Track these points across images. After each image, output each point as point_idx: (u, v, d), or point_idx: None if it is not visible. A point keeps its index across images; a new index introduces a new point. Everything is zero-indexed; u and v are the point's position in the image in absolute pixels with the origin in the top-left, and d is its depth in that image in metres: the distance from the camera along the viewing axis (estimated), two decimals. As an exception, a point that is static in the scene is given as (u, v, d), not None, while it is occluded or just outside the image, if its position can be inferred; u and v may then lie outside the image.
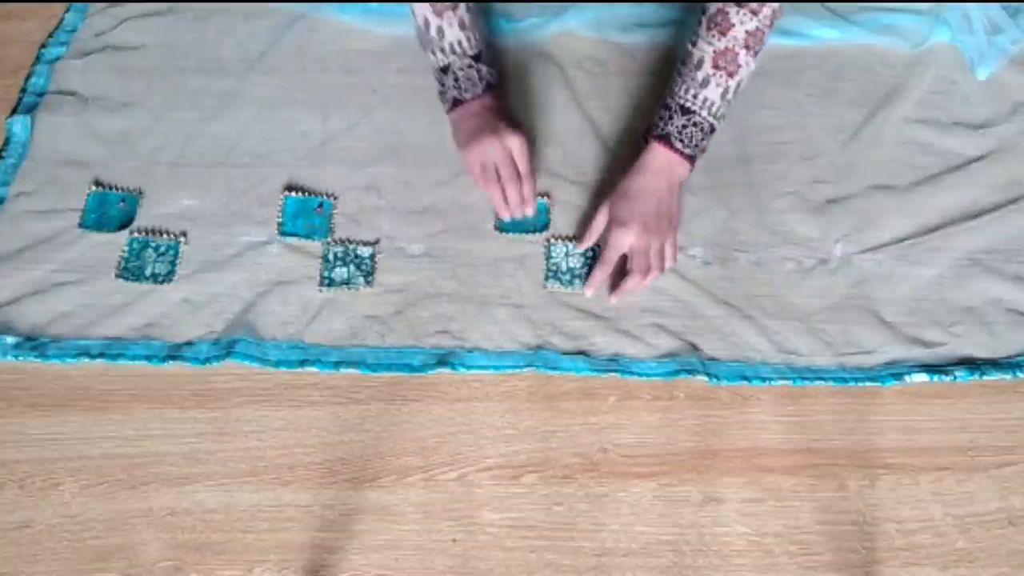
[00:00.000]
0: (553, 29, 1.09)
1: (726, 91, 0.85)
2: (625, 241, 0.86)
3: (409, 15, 0.91)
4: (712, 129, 0.87)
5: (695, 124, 0.86)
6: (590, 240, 0.90)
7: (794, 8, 1.11)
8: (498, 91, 0.94)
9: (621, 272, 0.88)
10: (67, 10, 1.11)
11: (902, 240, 0.93)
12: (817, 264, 0.91)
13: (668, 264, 0.88)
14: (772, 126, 1.02)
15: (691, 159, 0.88)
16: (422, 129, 1.00)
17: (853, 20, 1.10)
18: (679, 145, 0.86)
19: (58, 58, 1.06)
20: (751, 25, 0.81)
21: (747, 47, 0.83)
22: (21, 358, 0.83)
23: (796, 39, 1.09)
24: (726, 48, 0.83)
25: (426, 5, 0.88)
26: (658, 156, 0.87)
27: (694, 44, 0.85)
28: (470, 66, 0.90)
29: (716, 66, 0.83)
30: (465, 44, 0.89)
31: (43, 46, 1.07)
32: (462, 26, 0.89)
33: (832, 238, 0.93)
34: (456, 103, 0.92)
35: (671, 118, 0.86)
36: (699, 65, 0.84)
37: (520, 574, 0.75)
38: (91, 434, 0.81)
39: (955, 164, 0.99)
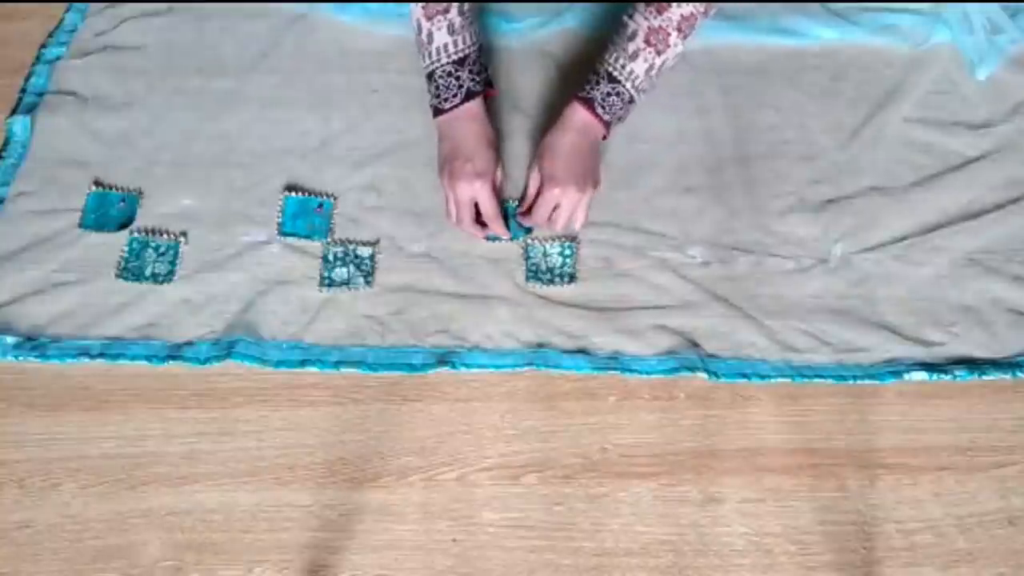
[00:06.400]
0: (553, 29, 1.09)
1: (651, 67, 0.88)
2: (557, 199, 0.88)
3: (409, 16, 0.91)
4: (631, 100, 0.90)
5: (618, 93, 0.89)
6: (528, 202, 0.91)
7: (794, 8, 1.11)
8: (483, 96, 0.92)
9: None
10: (67, 10, 1.11)
11: (902, 240, 0.93)
12: (817, 264, 0.91)
13: (577, 226, 0.91)
14: (772, 126, 1.02)
15: (607, 125, 0.90)
16: (422, 129, 1.00)
17: (853, 20, 1.10)
18: (600, 111, 0.89)
19: (58, 58, 1.06)
20: (686, 9, 0.85)
21: (679, 29, 0.86)
22: (21, 358, 0.83)
23: (796, 39, 1.09)
24: (660, 26, 0.86)
25: (419, 8, 0.88)
26: (579, 116, 0.89)
27: (631, 16, 0.88)
28: (450, 73, 0.89)
29: (647, 42, 0.87)
30: (451, 48, 0.89)
31: (43, 46, 1.07)
32: (450, 30, 0.88)
33: (832, 238, 0.93)
34: (437, 111, 0.92)
35: (598, 83, 0.89)
36: (632, 37, 0.87)
37: (520, 574, 0.75)
38: (91, 434, 0.81)
39: (955, 164, 0.99)
